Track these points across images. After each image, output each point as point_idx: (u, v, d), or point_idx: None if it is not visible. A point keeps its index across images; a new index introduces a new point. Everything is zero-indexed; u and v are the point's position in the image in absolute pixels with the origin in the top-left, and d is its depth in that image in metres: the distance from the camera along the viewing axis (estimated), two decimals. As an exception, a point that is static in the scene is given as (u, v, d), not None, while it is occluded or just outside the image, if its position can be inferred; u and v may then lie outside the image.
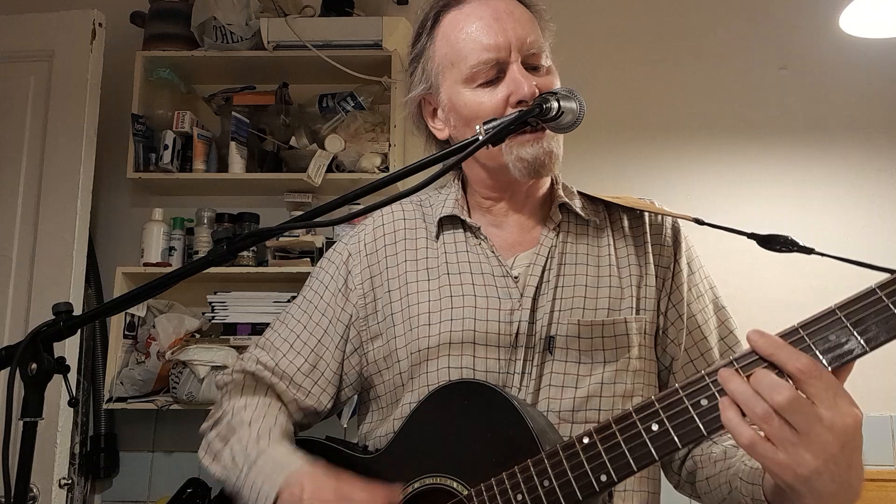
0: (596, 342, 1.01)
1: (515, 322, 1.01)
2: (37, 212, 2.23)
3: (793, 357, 0.70)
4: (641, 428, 0.79)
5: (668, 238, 1.10)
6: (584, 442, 0.83)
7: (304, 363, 1.08)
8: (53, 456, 2.06)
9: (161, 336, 2.37)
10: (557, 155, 1.03)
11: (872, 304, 0.68)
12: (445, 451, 0.94)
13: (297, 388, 1.08)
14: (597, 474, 0.81)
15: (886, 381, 2.36)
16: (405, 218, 1.14)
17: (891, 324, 0.67)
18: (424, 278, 1.06)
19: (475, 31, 1.02)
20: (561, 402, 0.98)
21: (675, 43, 2.65)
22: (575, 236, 1.08)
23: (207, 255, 0.91)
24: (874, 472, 2.29)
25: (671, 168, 2.58)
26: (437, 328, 1.02)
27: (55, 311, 0.91)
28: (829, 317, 0.70)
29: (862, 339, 0.68)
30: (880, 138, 2.53)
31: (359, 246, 1.12)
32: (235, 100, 2.57)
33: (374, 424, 1.09)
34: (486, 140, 0.91)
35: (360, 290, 1.10)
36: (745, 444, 0.71)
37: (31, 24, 2.35)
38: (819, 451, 0.68)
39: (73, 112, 2.28)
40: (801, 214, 2.50)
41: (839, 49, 2.54)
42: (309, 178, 2.37)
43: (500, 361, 1.00)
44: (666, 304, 1.07)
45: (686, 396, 0.77)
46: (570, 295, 1.03)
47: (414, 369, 1.03)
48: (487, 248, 1.07)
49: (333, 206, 0.91)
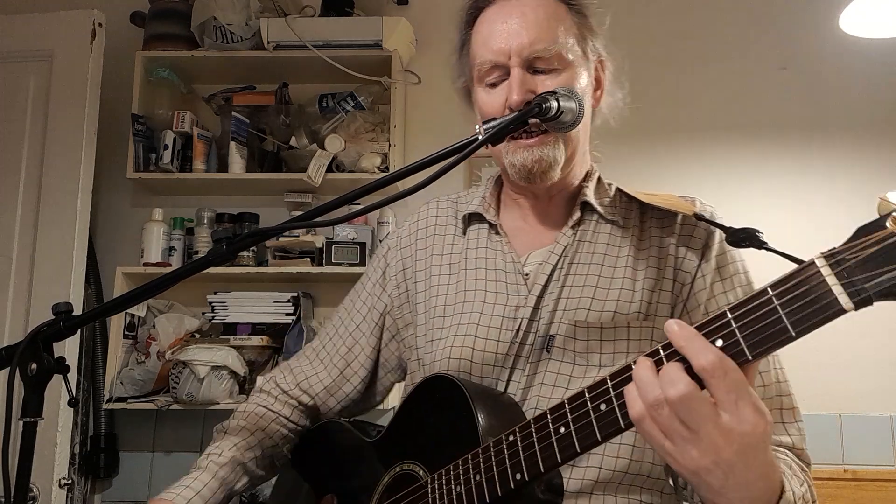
0: (593, 345, 0.99)
1: (519, 318, 1.02)
2: (37, 212, 2.23)
3: (700, 353, 0.66)
4: (552, 429, 0.79)
5: (698, 240, 1.05)
6: (509, 440, 0.84)
7: (342, 345, 1.19)
8: (53, 456, 2.05)
9: (161, 336, 2.37)
10: (551, 161, 1.02)
11: (807, 280, 0.62)
12: (419, 439, 1.01)
13: (329, 370, 1.19)
14: (513, 472, 0.82)
15: (886, 381, 2.36)
16: (438, 215, 1.20)
17: (820, 306, 0.61)
18: (447, 272, 1.12)
19: (487, 32, 1.05)
20: (549, 402, 0.97)
21: (675, 43, 2.65)
22: (594, 235, 1.07)
23: (207, 255, 0.91)
24: (874, 472, 2.29)
25: (671, 168, 2.58)
26: (450, 320, 1.07)
27: (55, 311, 0.91)
28: (761, 296, 0.65)
29: (790, 321, 0.63)
30: (880, 138, 2.54)
31: (397, 241, 1.21)
32: (235, 100, 2.57)
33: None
34: (486, 140, 0.91)
35: (395, 280, 1.18)
36: (633, 416, 0.70)
37: (31, 24, 2.35)
38: (708, 450, 0.67)
39: (73, 112, 2.28)
40: (801, 214, 2.50)
41: (839, 49, 2.54)
42: (309, 178, 2.37)
43: (496, 356, 1.01)
44: (681, 310, 1.03)
45: (590, 399, 0.76)
46: (577, 295, 1.02)
47: (426, 357, 1.08)
48: (504, 245, 1.10)
49: (333, 206, 0.91)
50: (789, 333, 0.63)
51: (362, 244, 2.37)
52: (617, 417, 0.73)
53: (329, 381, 1.18)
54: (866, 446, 2.33)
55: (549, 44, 1.02)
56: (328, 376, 1.18)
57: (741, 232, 0.91)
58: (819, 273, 0.61)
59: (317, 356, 1.21)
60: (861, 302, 0.59)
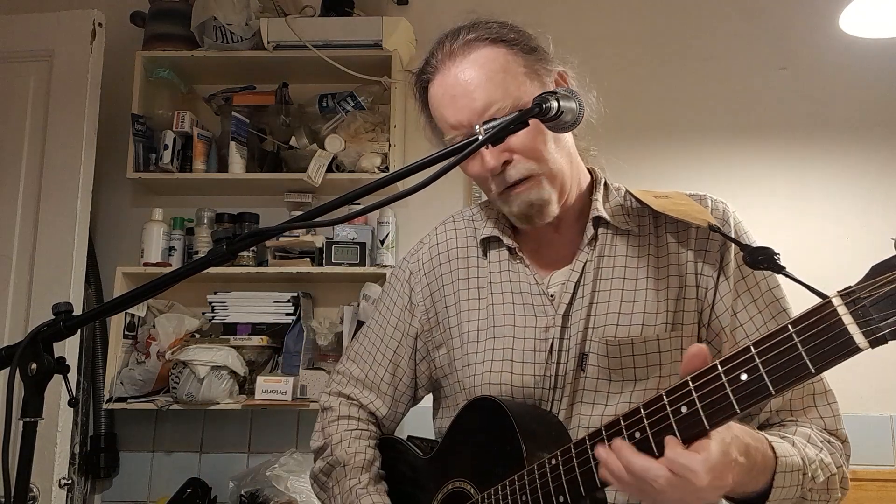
0: (626, 360, 1.01)
1: (550, 339, 1.05)
2: (37, 212, 2.23)
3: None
4: (591, 454, 0.82)
5: (715, 244, 1.05)
6: (551, 463, 0.88)
7: (385, 373, 1.22)
8: (53, 456, 2.06)
9: (161, 336, 2.37)
10: (543, 202, 1.04)
11: (825, 318, 0.65)
12: (468, 458, 1.06)
13: (383, 398, 1.23)
14: (557, 495, 0.87)
15: (886, 381, 2.36)
16: (457, 237, 1.21)
17: (837, 344, 0.64)
18: (475, 297, 1.14)
19: (441, 110, 1.06)
20: (591, 419, 1.01)
21: (675, 43, 2.65)
22: (612, 248, 1.07)
23: (207, 255, 0.91)
24: (874, 472, 2.29)
25: (671, 168, 2.58)
26: (483, 345, 1.09)
27: (55, 311, 0.91)
28: (782, 332, 0.69)
29: (810, 358, 0.66)
30: (880, 138, 2.54)
31: (418, 265, 1.22)
32: (235, 100, 2.57)
33: (442, 420, 1.21)
34: (486, 140, 0.91)
35: (423, 305, 1.20)
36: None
37: (31, 24, 2.35)
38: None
39: (73, 112, 2.28)
40: (801, 214, 2.50)
41: (839, 49, 2.54)
42: (309, 178, 2.37)
43: (535, 377, 1.04)
44: (709, 316, 1.03)
45: (625, 427, 0.80)
46: (604, 311, 1.04)
47: (465, 381, 1.11)
48: (526, 268, 1.11)
49: (333, 206, 0.91)
50: (809, 370, 0.65)
51: (362, 244, 2.37)
52: (651, 445, 0.77)
53: (386, 410, 1.23)
54: (866, 446, 2.33)
55: (501, 102, 1.01)
56: (384, 405, 1.23)
57: (759, 252, 0.91)
58: (835, 311, 0.63)
59: (364, 385, 1.24)
60: (876, 341, 0.61)
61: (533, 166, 1.02)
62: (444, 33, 1.10)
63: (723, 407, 0.72)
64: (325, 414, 1.25)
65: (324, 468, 1.19)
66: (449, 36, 1.08)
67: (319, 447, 1.22)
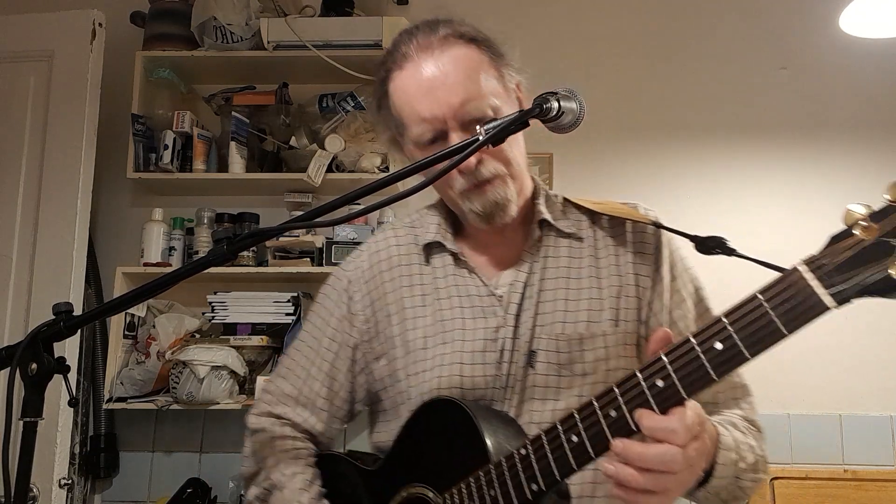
0: (575, 355, 1.04)
1: (500, 339, 1.05)
2: (37, 212, 2.23)
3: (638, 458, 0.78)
4: (564, 439, 0.83)
5: (650, 246, 1.10)
6: (521, 453, 0.88)
7: (321, 387, 1.16)
8: (53, 456, 2.06)
9: (161, 336, 2.37)
10: (505, 201, 1.06)
11: (793, 285, 0.69)
12: (424, 463, 1.02)
13: (318, 415, 1.16)
14: (529, 483, 0.86)
15: (886, 381, 2.36)
16: (399, 244, 1.18)
17: (807, 306, 0.69)
18: (420, 304, 1.12)
19: (413, 102, 1.04)
20: (542, 414, 1.02)
21: (675, 43, 2.65)
22: (556, 249, 1.11)
23: (207, 255, 0.91)
24: (874, 472, 2.29)
25: (671, 168, 2.58)
26: (432, 352, 1.08)
27: (55, 311, 0.91)
28: (752, 301, 0.72)
29: (782, 322, 0.70)
30: (880, 138, 2.54)
31: (357, 273, 1.18)
32: (235, 100, 2.57)
33: (381, 434, 1.16)
34: (486, 140, 0.91)
35: (363, 315, 1.16)
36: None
37: (31, 24, 2.35)
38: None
39: (73, 112, 2.28)
40: (801, 214, 2.50)
41: (839, 49, 2.54)
42: (309, 178, 2.37)
43: (486, 378, 1.04)
44: (647, 313, 1.08)
45: (599, 407, 0.81)
46: (551, 310, 1.06)
47: (411, 390, 1.08)
48: (472, 271, 1.11)
49: (333, 206, 0.91)
50: (782, 332, 0.70)
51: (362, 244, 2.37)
52: (627, 422, 0.79)
53: (322, 427, 1.17)
54: (866, 446, 2.33)
55: (479, 100, 1.02)
56: (319, 421, 1.16)
57: (710, 240, 0.98)
58: (803, 278, 0.69)
59: (297, 402, 1.17)
60: (842, 300, 0.67)
61: (500, 167, 1.05)
62: (415, 25, 1.09)
63: (700, 376, 0.75)
64: (256, 436, 1.17)
65: (260, 494, 1.13)
66: (422, 28, 1.07)
67: (252, 473, 1.15)
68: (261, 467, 1.14)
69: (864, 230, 0.67)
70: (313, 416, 1.16)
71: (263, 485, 1.12)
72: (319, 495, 1.11)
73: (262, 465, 1.14)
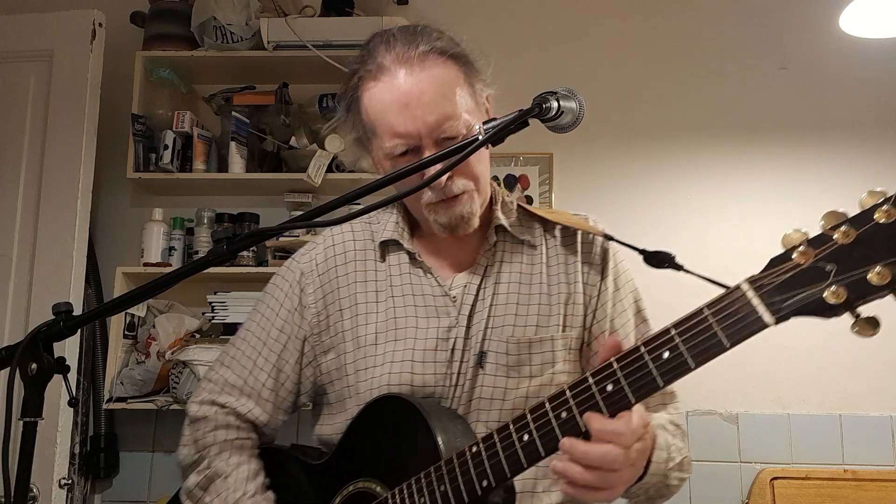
0: (523, 358, 1.07)
1: (452, 339, 1.08)
2: (37, 212, 2.23)
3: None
4: (515, 438, 0.87)
5: (597, 256, 1.15)
6: (472, 450, 0.91)
7: (267, 378, 1.16)
8: (53, 456, 2.06)
9: (161, 336, 2.37)
10: (470, 215, 1.08)
11: (736, 301, 0.74)
12: (373, 458, 1.04)
13: (263, 405, 1.15)
14: (479, 480, 0.90)
15: (886, 382, 2.36)
16: (355, 239, 1.19)
17: (748, 322, 0.73)
18: (373, 300, 1.13)
19: (387, 115, 1.04)
20: (490, 414, 1.06)
21: (675, 43, 2.65)
22: (510, 255, 1.15)
23: (207, 255, 0.91)
24: (874, 472, 2.29)
25: (671, 168, 2.58)
26: (382, 348, 1.09)
27: (55, 311, 0.91)
28: (698, 315, 0.76)
29: (725, 335, 0.74)
30: (880, 138, 2.53)
31: (311, 265, 1.18)
32: (235, 100, 2.57)
33: (323, 427, 1.17)
34: (486, 140, 0.91)
35: (314, 308, 1.16)
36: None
37: (31, 24, 2.35)
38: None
39: (73, 112, 2.28)
40: (801, 214, 2.50)
41: (839, 49, 2.54)
42: (309, 178, 2.37)
43: (436, 376, 1.07)
44: (591, 320, 1.13)
45: (551, 408, 0.85)
46: (503, 313, 1.10)
47: (360, 385, 1.09)
48: (427, 270, 1.13)
49: (333, 206, 0.92)
50: (724, 345, 0.74)
51: (362, 244, 2.37)
52: (577, 423, 0.84)
53: (266, 418, 1.16)
54: (866, 446, 2.33)
55: (454, 119, 1.03)
56: (264, 412, 1.15)
57: (659, 255, 1.04)
58: (745, 295, 0.73)
59: (241, 392, 1.15)
60: (780, 318, 0.71)
61: (469, 183, 1.07)
62: (392, 32, 1.09)
63: (647, 383, 0.79)
64: (198, 424, 1.15)
65: (200, 482, 1.11)
66: (400, 39, 1.07)
67: (193, 461, 1.13)
68: (202, 455, 1.12)
69: (801, 254, 0.71)
70: (258, 407, 1.15)
71: (205, 473, 1.11)
72: (264, 487, 1.11)
73: (203, 453, 1.13)
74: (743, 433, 2.37)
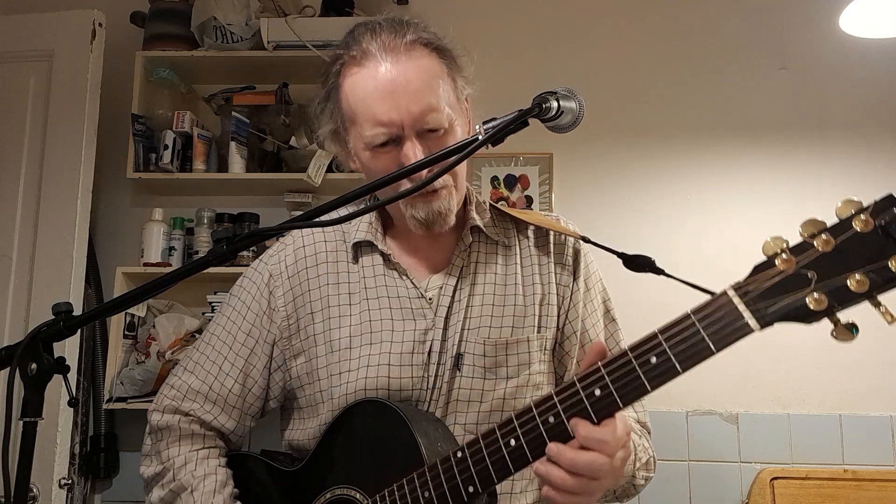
0: (500, 359, 1.07)
1: (429, 341, 1.07)
2: (37, 212, 2.23)
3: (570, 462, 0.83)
4: (502, 443, 0.87)
5: (569, 258, 1.15)
6: (458, 456, 0.90)
7: (234, 384, 1.12)
8: (53, 456, 2.05)
9: (161, 336, 2.37)
10: (447, 211, 1.07)
11: (722, 307, 0.74)
12: (352, 464, 1.02)
13: (230, 412, 1.12)
14: (465, 486, 0.89)
15: (886, 382, 2.36)
16: (326, 240, 1.16)
17: (734, 328, 0.73)
18: (346, 302, 1.11)
19: (370, 102, 1.02)
20: (467, 416, 1.05)
21: (675, 43, 2.65)
22: (485, 256, 1.14)
23: (207, 255, 0.91)
24: (874, 472, 2.29)
25: (671, 168, 2.58)
26: (357, 352, 1.07)
27: (55, 311, 0.91)
28: (685, 320, 0.77)
29: (711, 340, 0.75)
30: (880, 138, 2.53)
31: (280, 267, 1.15)
32: (235, 100, 2.57)
33: (294, 432, 1.14)
34: (486, 140, 0.91)
35: (284, 311, 1.13)
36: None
37: (31, 24, 2.35)
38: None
39: (73, 112, 2.28)
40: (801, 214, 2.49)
41: (839, 49, 2.54)
42: (309, 178, 2.37)
43: (413, 379, 1.05)
44: (563, 321, 1.13)
45: (538, 413, 0.85)
46: (479, 314, 1.09)
47: (334, 390, 1.07)
48: (402, 272, 1.11)
49: (333, 206, 0.91)
50: (711, 350, 0.75)
51: (362, 244, 2.37)
52: (565, 428, 0.83)
53: (234, 425, 1.13)
54: (866, 446, 2.33)
55: (437, 112, 1.02)
56: (230, 419, 1.13)
57: (639, 259, 1.05)
58: (731, 301, 0.74)
59: (206, 399, 1.12)
60: (765, 324, 0.72)
61: (449, 178, 1.06)
62: (377, 22, 1.08)
63: (635, 387, 0.79)
64: (160, 434, 1.12)
65: (165, 497, 1.07)
66: (386, 28, 1.05)
67: (156, 473, 1.09)
68: (166, 468, 1.09)
69: (784, 262, 0.72)
70: (224, 414, 1.12)
71: (170, 486, 1.07)
72: (233, 497, 1.08)
73: (167, 465, 1.09)
74: (743, 433, 2.37)
